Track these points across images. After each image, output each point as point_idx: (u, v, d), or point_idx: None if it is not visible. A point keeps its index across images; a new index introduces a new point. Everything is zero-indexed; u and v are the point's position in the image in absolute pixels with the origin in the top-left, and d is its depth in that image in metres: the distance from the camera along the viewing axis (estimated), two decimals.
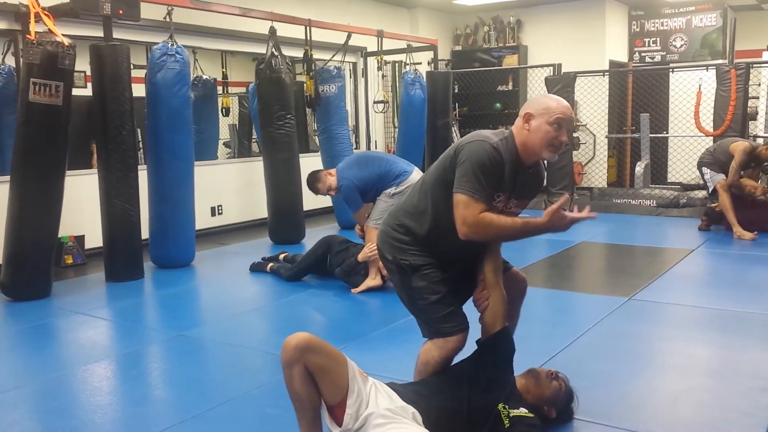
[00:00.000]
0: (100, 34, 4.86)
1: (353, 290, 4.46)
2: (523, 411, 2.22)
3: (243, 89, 8.98)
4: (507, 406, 2.21)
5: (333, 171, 4.75)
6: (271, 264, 5.06)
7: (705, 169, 6.22)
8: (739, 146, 5.92)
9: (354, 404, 2.05)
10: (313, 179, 4.79)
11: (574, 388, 2.44)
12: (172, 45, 5.02)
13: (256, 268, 5.12)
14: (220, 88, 8.35)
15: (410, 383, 2.32)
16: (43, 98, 4.24)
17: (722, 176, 5.98)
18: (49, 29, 4.34)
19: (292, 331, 2.04)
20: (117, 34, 4.98)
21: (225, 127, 9.55)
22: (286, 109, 6.02)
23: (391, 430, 2.02)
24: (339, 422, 2.05)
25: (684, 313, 3.97)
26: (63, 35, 4.31)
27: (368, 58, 8.34)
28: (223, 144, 9.72)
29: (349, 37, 6.91)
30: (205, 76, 7.97)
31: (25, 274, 4.39)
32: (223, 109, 8.31)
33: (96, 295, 4.62)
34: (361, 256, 4.43)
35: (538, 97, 2.43)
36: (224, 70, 8.31)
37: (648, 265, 5.20)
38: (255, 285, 4.86)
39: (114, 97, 4.71)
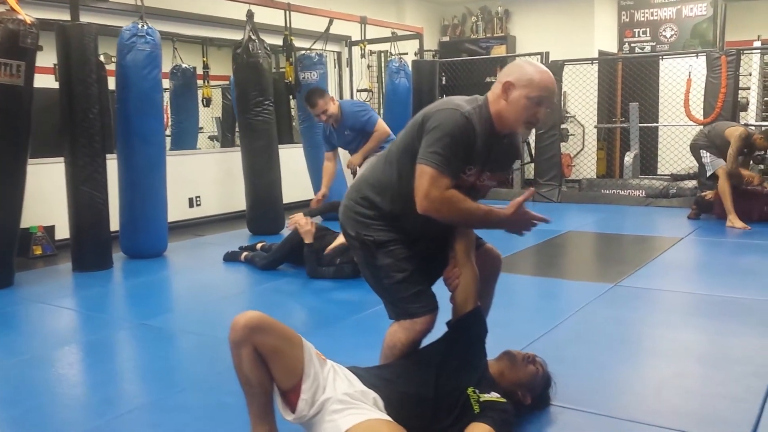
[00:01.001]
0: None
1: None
2: (494, 396, 2.05)
3: (227, 82, 8.78)
4: (477, 391, 2.03)
5: (336, 101, 4.56)
6: (246, 253, 4.88)
7: (704, 152, 5.97)
8: (735, 132, 5.74)
9: (309, 389, 1.88)
10: (317, 93, 4.57)
11: (552, 373, 2.28)
12: (143, 26, 4.81)
13: (230, 258, 4.93)
14: (201, 82, 8.15)
15: (373, 367, 2.15)
16: (3, 78, 4.06)
17: (723, 161, 5.77)
18: (11, 7, 4.15)
19: None
20: (90, 20, 4.78)
21: (210, 120, 9.37)
22: (264, 95, 5.81)
23: (349, 416, 1.85)
24: (293, 408, 1.88)
25: (672, 299, 3.83)
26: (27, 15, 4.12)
27: (352, 48, 8.16)
28: (209, 138, 9.54)
29: (330, 23, 6.73)
30: (184, 65, 7.76)
31: None
32: (204, 100, 8.10)
33: (61, 285, 4.43)
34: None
35: (520, 63, 2.18)
36: (204, 59, 8.11)
37: (636, 253, 5.05)
38: (227, 274, 4.68)
39: (80, 79, 4.51)
